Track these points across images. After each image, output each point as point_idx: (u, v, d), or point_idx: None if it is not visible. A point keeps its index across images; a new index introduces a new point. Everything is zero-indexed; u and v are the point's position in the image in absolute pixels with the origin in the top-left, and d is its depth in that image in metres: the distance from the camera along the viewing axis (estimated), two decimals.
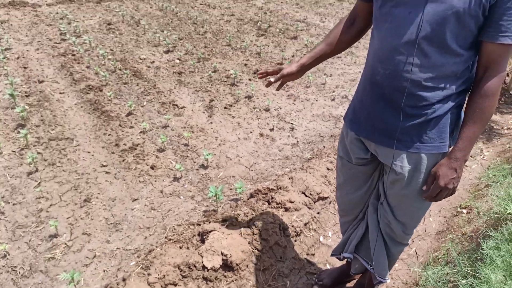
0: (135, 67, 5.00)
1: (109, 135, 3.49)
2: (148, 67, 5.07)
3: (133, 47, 5.77)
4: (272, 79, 1.71)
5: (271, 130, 3.79)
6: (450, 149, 1.39)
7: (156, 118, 3.82)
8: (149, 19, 7.38)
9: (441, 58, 1.27)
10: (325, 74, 5.29)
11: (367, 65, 1.47)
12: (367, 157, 1.59)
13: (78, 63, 5.03)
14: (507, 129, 4.05)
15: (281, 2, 9.92)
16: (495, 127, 4.10)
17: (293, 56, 5.91)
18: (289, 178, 2.81)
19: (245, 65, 5.39)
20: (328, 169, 3.03)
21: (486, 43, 1.25)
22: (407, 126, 1.38)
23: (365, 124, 1.50)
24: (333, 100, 4.53)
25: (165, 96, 4.27)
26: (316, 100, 4.50)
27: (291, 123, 3.94)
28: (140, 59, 5.31)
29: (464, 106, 1.39)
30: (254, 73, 5.11)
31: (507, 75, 5.07)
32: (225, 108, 4.12)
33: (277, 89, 1.79)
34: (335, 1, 10.42)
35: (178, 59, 5.34)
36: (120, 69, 4.87)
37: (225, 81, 4.77)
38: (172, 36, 6.24)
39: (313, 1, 10.21)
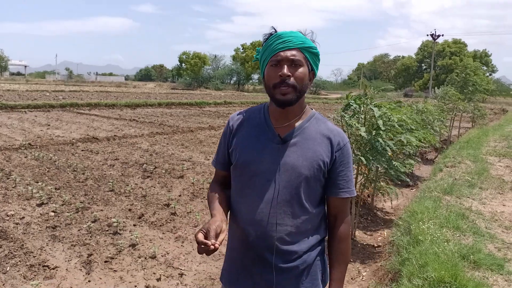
0: (0, 226, 4.47)
1: None
2: (17, 224, 4.57)
3: (0, 203, 5.23)
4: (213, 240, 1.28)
5: (158, 280, 3.56)
6: None
7: (21, 286, 3.31)
8: (22, 170, 6.93)
9: (299, 215, 1.48)
10: None
11: (238, 229, 1.55)
12: None
13: None
14: (377, 247, 4.49)
15: (167, 144, 10.36)
16: (367, 247, 4.51)
17: (180, 195, 5.98)
18: None
19: (130, 210, 5.23)
20: None
21: (330, 198, 1.54)
22: (283, 282, 1.49)
23: (245, 285, 1.55)
24: None
25: (34, 256, 3.80)
26: None
27: (180, 269, 3.78)
28: (8, 216, 4.79)
29: (326, 251, 1.58)
30: (139, 218, 4.97)
31: (368, 189, 5.82)
32: (105, 261, 3.80)
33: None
34: (217, 140, 11.29)
35: (53, 211, 4.96)
36: None
37: (107, 231, 4.51)
38: (48, 187, 5.87)
39: (197, 141, 10.91)
